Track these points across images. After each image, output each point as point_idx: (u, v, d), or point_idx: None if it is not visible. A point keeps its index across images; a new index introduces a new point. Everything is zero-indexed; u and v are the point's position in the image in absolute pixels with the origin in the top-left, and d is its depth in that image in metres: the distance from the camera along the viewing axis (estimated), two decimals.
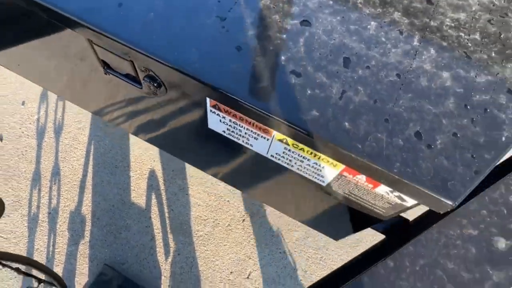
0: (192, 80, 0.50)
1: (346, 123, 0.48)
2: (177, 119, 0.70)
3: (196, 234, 1.60)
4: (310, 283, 1.28)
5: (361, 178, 0.53)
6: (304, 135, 0.48)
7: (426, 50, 0.55)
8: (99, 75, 0.69)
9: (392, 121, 0.49)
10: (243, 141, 0.62)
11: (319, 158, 0.53)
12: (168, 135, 0.80)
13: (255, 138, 0.58)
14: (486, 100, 0.52)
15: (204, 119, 0.62)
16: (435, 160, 0.46)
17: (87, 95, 0.87)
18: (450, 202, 0.44)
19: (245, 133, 0.58)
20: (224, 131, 0.62)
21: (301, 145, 0.53)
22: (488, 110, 0.51)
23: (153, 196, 1.68)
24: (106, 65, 0.64)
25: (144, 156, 1.75)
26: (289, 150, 0.56)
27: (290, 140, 0.53)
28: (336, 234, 0.80)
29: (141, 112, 0.76)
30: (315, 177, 0.59)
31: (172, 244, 1.58)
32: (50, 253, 1.53)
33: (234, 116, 0.55)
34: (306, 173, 0.60)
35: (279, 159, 0.60)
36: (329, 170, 0.55)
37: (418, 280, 0.57)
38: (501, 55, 0.57)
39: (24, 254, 1.47)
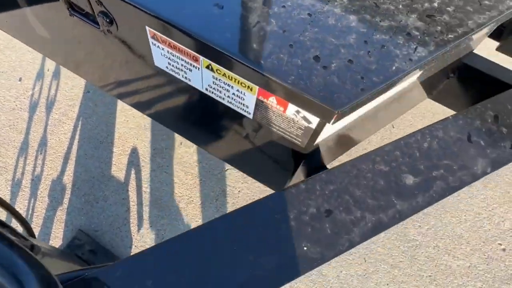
0: (130, 7, 0.59)
1: (254, 45, 0.56)
2: (129, 60, 0.79)
3: (170, 209, 1.67)
4: None
5: (273, 101, 0.60)
6: (219, 53, 0.56)
7: None
8: (66, 21, 0.78)
9: (296, 47, 0.56)
10: (182, 76, 0.70)
11: (238, 83, 0.61)
12: (123, 80, 0.88)
13: (189, 69, 0.66)
14: (385, 39, 0.60)
15: (150, 56, 0.70)
16: (327, 77, 0.54)
17: (56, 44, 0.96)
18: (334, 110, 0.51)
19: (182, 64, 0.66)
20: (166, 67, 0.70)
21: (222, 70, 0.60)
22: (385, 47, 0.59)
23: (133, 172, 1.75)
24: (70, 6, 0.73)
25: (128, 135, 1.84)
26: (216, 79, 0.64)
27: (214, 66, 0.61)
28: (274, 181, 0.86)
29: (100, 56, 0.85)
30: (242, 108, 0.67)
31: (146, 216, 1.64)
32: (29, 216, 1.60)
33: (170, 45, 0.63)
34: (235, 105, 0.67)
35: (212, 92, 0.68)
36: (249, 96, 0.63)
37: (326, 202, 0.64)
38: (407, 7, 0.65)
39: (3, 217, 1.54)
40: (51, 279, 0.43)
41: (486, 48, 1.08)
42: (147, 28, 0.63)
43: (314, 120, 0.58)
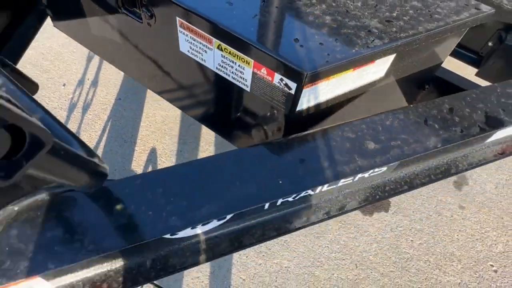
0: (167, 1, 0.82)
1: (252, 28, 0.77)
2: (160, 49, 1.02)
3: None
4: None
5: (264, 72, 0.80)
6: (226, 32, 0.77)
7: (324, 3, 0.85)
8: (114, 18, 1.03)
9: (283, 31, 0.77)
10: (199, 58, 0.91)
11: (239, 59, 0.81)
12: (152, 68, 1.11)
13: (205, 51, 0.88)
14: (350, 32, 0.80)
15: (177, 43, 0.93)
16: (302, 52, 0.74)
17: (103, 40, 1.21)
18: (304, 71, 0.70)
19: (200, 47, 0.88)
20: (188, 50, 0.92)
21: (229, 48, 0.81)
22: (349, 37, 0.79)
23: (150, 168, 1.95)
24: (123, 5, 0.98)
25: (149, 137, 2.06)
26: (224, 57, 0.85)
27: (223, 45, 0.82)
28: None
29: (140, 47, 1.09)
30: (242, 82, 0.87)
31: None
32: None
33: (192, 31, 0.86)
34: (237, 80, 0.87)
35: (221, 70, 0.89)
36: (247, 70, 0.83)
37: (301, 154, 0.81)
38: (371, 14, 0.86)
39: None
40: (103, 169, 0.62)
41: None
42: (177, 18, 0.86)
43: (293, 86, 0.77)
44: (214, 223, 0.79)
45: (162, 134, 2.08)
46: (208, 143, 2.08)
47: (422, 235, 1.81)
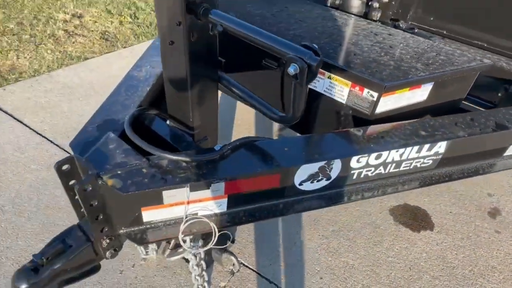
0: None
1: (350, 63, 1.40)
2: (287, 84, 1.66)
3: None
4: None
5: (356, 89, 1.40)
6: (336, 67, 1.40)
7: (387, 55, 1.49)
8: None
9: (372, 62, 1.40)
10: (313, 86, 1.54)
11: (341, 82, 1.43)
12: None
13: (318, 80, 1.51)
14: (405, 68, 1.41)
15: None
16: (382, 73, 1.34)
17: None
18: (383, 84, 1.29)
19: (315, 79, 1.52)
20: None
21: (334, 76, 1.44)
22: (405, 70, 1.40)
23: None
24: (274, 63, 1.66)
25: None
26: (331, 82, 1.46)
27: (331, 75, 1.45)
28: None
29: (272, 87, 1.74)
30: (340, 97, 1.47)
31: None
32: None
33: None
34: (337, 96, 1.48)
35: (327, 92, 1.50)
36: (345, 89, 1.43)
37: None
38: (417, 60, 1.48)
39: None
40: None
41: None
42: None
43: (375, 95, 1.36)
44: (324, 182, 1.31)
45: None
46: None
47: (465, 250, 2.14)
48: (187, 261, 1.63)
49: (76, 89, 3.15)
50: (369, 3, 2.03)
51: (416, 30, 2.11)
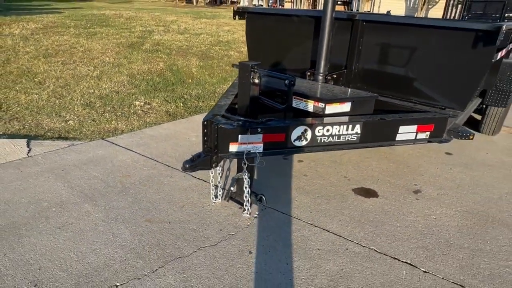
0: None
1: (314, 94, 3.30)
2: None
3: None
4: None
5: (316, 103, 3.26)
6: (308, 96, 3.30)
7: None
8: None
9: (324, 95, 3.29)
10: (298, 106, 3.42)
11: (309, 102, 3.29)
12: None
13: (300, 103, 3.39)
14: (339, 95, 3.30)
15: None
16: (327, 97, 3.22)
17: None
18: (325, 99, 3.14)
19: (300, 103, 3.40)
20: None
21: (306, 100, 3.32)
22: (339, 96, 3.28)
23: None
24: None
25: None
26: (305, 103, 3.34)
27: (305, 100, 3.33)
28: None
29: None
30: (310, 109, 3.32)
31: None
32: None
33: None
34: (309, 108, 3.33)
35: (304, 108, 3.37)
36: (311, 105, 3.29)
37: None
38: None
39: None
40: None
41: None
42: None
43: (323, 105, 3.21)
44: (304, 142, 3.09)
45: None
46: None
47: (396, 204, 3.68)
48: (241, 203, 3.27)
49: (158, 137, 5.08)
50: (326, 77, 4.05)
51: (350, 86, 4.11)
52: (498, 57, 3.88)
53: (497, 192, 4.06)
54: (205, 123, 2.87)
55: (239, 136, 2.92)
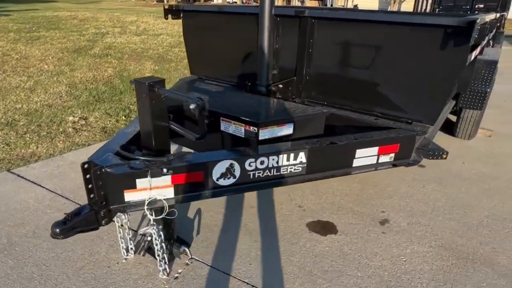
0: None
1: (246, 115, 2.55)
2: None
3: None
4: None
5: (247, 127, 2.51)
6: (238, 118, 2.55)
7: None
8: None
9: (259, 115, 2.54)
10: (226, 129, 2.66)
11: (239, 126, 2.55)
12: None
13: (229, 126, 2.63)
14: (278, 114, 2.56)
15: None
16: (260, 117, 2.47)
17: None
18: (257, 122, 2.41)
19: (228, 126, 2.64)
20: None
21: (236, 122, 2.57)
22: (278, 116, 2.54)
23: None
24: None
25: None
26: (235, 127, 2.59)
27: (234, 122, 2.58)
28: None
29: None
30: (241, 134, 2.57)
31: None
32: None
33: None
34: (239, 134, 2.58)
35: (234, 132, 2.62)
36: (241, 128, 2.54)
37: None
38: None
39: None
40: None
41: None
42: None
43: (256, 129, 2.47)
44: (232, 180, 2.33)
45: None
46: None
47: (357, 244, 2.99)
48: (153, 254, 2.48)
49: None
50: (270, 88, 3.31)
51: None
52: (473, 57, 3.24)
53: (476, 215, 3.44)
54: (85, 166, 2.06)
55: (137, 181, 2.13)
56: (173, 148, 3.49)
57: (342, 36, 3.19)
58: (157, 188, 2.20)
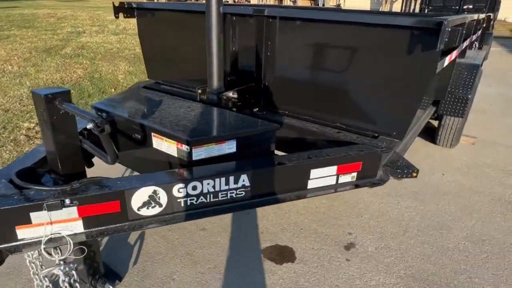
0: None
1: (178, 130, 2.17)
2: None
3: None
4: None
5: (179, 145, 2.13)
6: (170, 135, 2.16)
7: None
8: None
9: (195, 131, 2.17)
10: (159, 147, 2.28)
11: (171, 143, 2.17)
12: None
13: (161, 143, 2.25)
14: (218, 130, 2.19)
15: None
16: (194, 134, 2.10)
17: None
18: (191, 140, 2.03)
19: (160, 143, 2.26)
20: None
21: (168, 139, 2.19)
22: (217, 132, 2.17)
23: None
24: None
25: None
26: (168, 144, 2.21)
27: (165, 139, 2.20)
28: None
29: None
30: (173, 152, 2.19)
31: None
32: None
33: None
34: (171, 152, 2.20)
35: (167, 150, 2.24)
36: (173, 147, 2.17)
37: None
38: None
39: None
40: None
41: None
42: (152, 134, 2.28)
43: (189, 148, 2.09)
44: (158, 209, 1.94)
45: None
46: None
47: (316, 275, 2.63)
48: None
49: None
50: (221, 96, 2.93)
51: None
52: (446, 63, 2.90)
53: (453, 237, 3.11)
54: None
55: (31, 214, 1.74)
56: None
57: (306, 38, 2.82)
58: (60, 222, 1.81)
